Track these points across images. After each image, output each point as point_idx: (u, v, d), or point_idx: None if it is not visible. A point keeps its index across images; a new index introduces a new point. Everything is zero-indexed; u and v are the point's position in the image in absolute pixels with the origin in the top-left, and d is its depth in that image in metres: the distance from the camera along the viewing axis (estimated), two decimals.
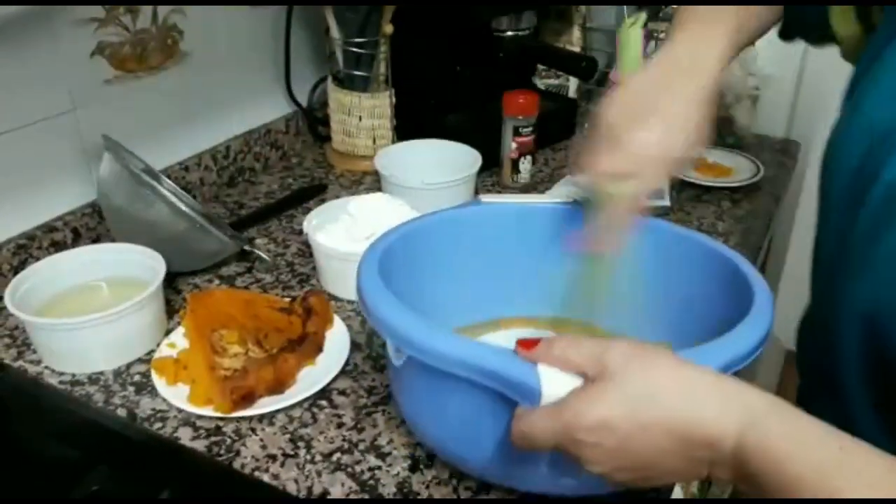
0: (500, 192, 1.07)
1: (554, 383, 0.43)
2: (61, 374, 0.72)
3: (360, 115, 1.11)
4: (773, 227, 1.14)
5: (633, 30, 0.91)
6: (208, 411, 0.66)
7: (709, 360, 0.44)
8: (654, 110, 0.57)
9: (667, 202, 1.00)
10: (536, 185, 1.08)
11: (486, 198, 0.72)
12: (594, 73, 1.09)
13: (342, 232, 0.85)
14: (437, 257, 0.68)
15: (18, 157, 0.82)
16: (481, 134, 1.07)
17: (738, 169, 1.11)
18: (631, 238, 0.60)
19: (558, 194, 1.01)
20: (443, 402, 0.52)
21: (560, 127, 1.24)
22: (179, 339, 0.74)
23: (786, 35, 0.71)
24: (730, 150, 1.16)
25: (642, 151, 0.57)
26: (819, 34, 0.66)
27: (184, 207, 0.82)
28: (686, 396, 0.39)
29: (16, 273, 0.75)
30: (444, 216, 0.69)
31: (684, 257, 0.65)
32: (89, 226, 0.90)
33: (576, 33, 1.37)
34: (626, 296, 0.63)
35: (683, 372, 0.40)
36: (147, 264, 0.78)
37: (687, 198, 1.06)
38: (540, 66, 1.32)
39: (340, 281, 0.83)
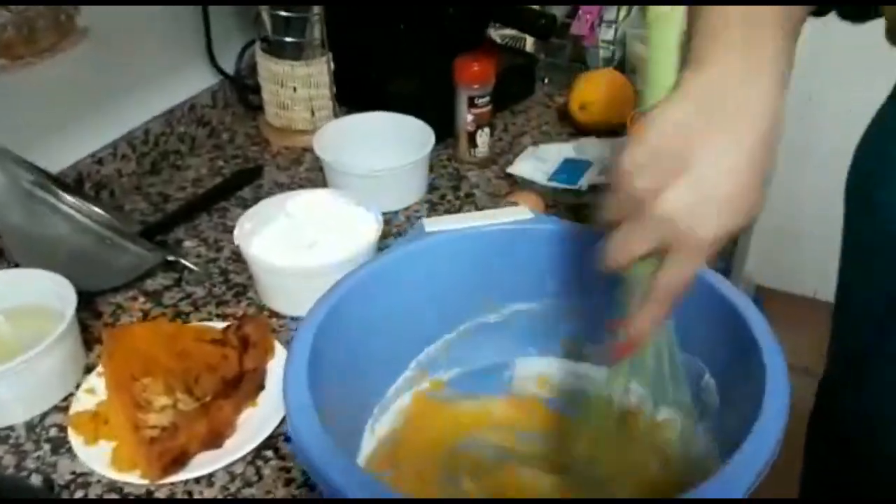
0: (456, 171, 0.97)
1: None
2: None
3: (295, 86, 0.99)
4: None
5: (668, 20, 0.50)
6: (134, 477, 0.58)
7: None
8: (687, 167, 0.41)
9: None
10: (496, 158, 0.99)
11: (430, 224, 0.62)
12: (552, 31, 0.98)
13: (280, 237, 0.76)
14: (381, 320, 0.58)
15: None
16: (433, 100, 0.97)
17: None
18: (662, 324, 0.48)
19: (521, 169, 0.94)
20: None
21: (520, 85, 1.13)
22: (99, 384, 0.65)
23: (820, 12, 0.59)
24: None
25: (671, 227, 0.42)
26: (862, 10, 0.56)
27: (89, 223, 0.71)
28: None
29: None
30: (378, 267, 0.59)
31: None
32: None
33: None
34: None
35: None
36: (53, 290, 0.68)
37: None
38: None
39: (280, 296, 0.74)
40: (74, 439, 0.60)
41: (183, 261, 0.78)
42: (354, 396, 0.58)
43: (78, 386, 0.66)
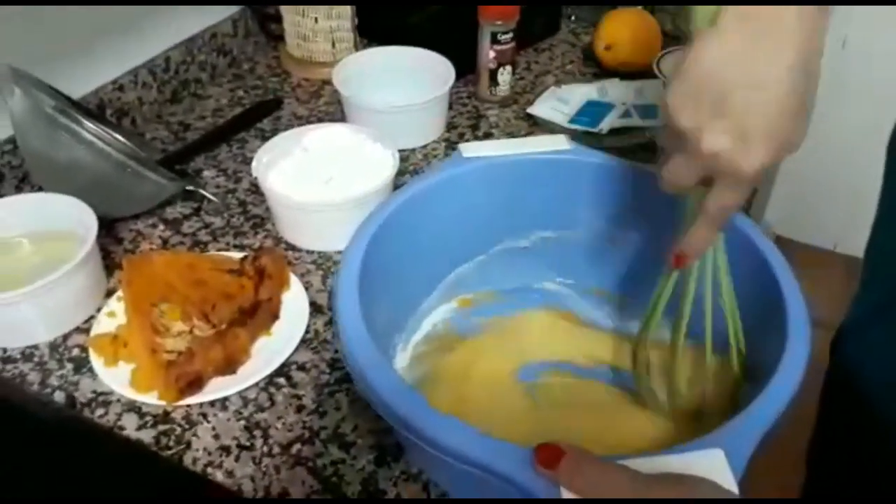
0: (475, 109, 0.97)
1: None
2: None
3: (316, 17, 0.98)
4: None
5: None
6: (152, 398, 0.60)
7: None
8: (728, 102, 0.43)
9: None
10: (517, 98, 0.98)
11: (467, 150, 0.63)
12: None
13: (297, 171, 0.76)
14: (419, 242, 0.61)
15: None
16: (455, 35, 0.95)
17: None
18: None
19: (541, 110, 0.93)
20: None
21: (544, 22, 1.11)
22: (119, 308, 0.67)
23: None
24: None
25: (715, 161, 0.44)
26: None
27: (108, 149, 0.72)
28: None
29: None
30: (420, 189, 0.61)
31: None
32: (12, 164, 0.79)
33: None
34: None
35: None
36: (74, 216, 0.69)
37: None
38: None
39: (296, 229, 0.75)
40: (95, 360, 0.62)
41: (202, 191, 0.79)
42: (390, 312, 0.61)
43: (99, 309, 0.68)
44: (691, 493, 0.36)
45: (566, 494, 0.38)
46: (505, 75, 0.95)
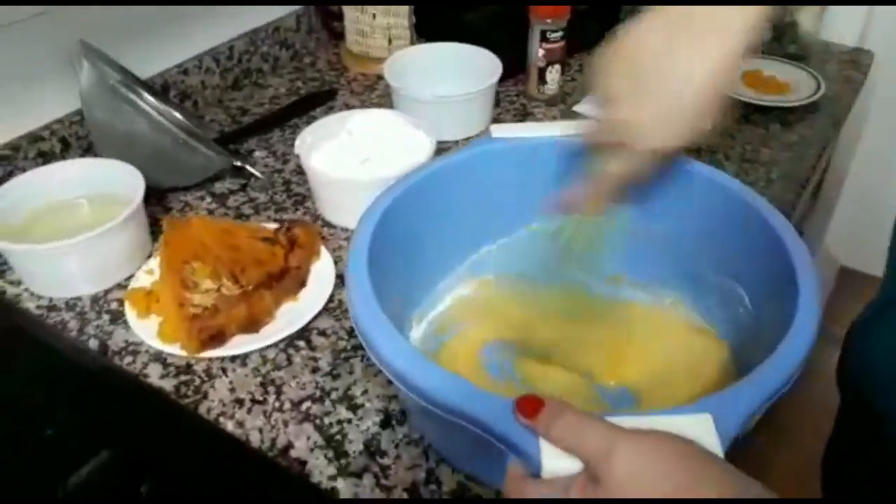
0: (523, 107, 0.97)
1: (555, 461, 0.38)
2: (39, 297, 0.70)
3: (375, 13, 1.01)
4: (829, 152, 1.02)
5: None
6: (177, 349, 0.63)
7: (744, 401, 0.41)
8: (651, 82, 0.46)
9: None
10: (565, 97, 0.98)
11: (496, 130, 0.64)
12: None
13: (338, 152, 0.79)
14: (441, 217, 0.62)
15: None
16: (508, 34, 0.97)
17: (797, 84, 0.98)
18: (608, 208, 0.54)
19: (586, 108, 0.93)
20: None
21: (601, 26, 1.10)
22: (158, 267, 0.70)
23: None
24: (789, 62, 1.02)
25: (626, 130, 0.48)
26: None
27: (166, 122, 0.76)
28: None
29: None
30: (442, 164, 0.62)
31: (710, 209, 0.57)
32: (79, 134, 0.85)
33: None
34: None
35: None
36: (129, 182, 0.73)
37: (732, 118, 0.94)
38: None
39: (332, 207, 0.77)
40: (129, 312, 0.66)
41: (249, 168, 0.83)
42: (406, 281, 0.61)
43: (139, 269, 0.72)
44: (664, 444, 0.35)
45: (544, 444, 0.38)
46: (553, 74, 0.95)
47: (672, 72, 0.45)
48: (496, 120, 0.94)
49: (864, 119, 1.39)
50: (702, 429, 0.39)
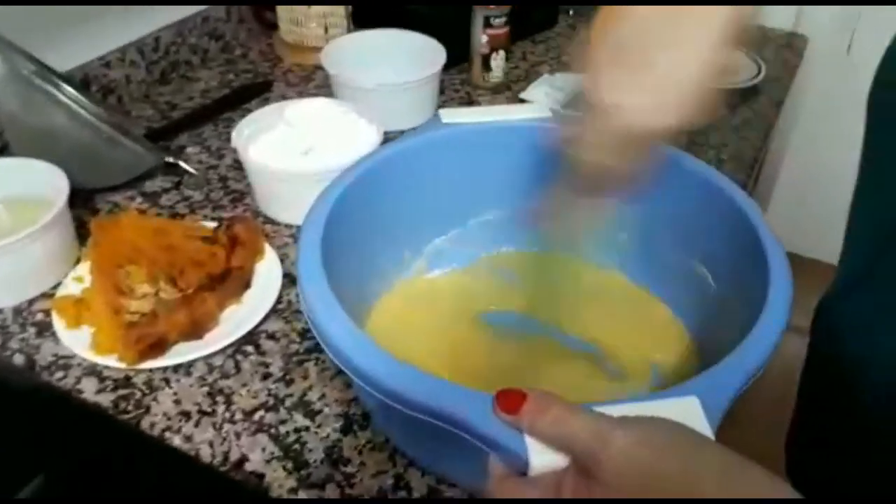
0: (468, 95, 0.95)
1: (543, 456, 0.35)
2: None
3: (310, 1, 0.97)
4: (773, 133, 1.03)
5: None
6: (113, 360, 0.58)
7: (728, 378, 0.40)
8: (647, 64, 0.43)
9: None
10: (510, 85, 0.96)
11: (446, 115, 0.61)
12: None
13: (278, 144, 0.74)
14: (394, 203, 0.59)
15: None
16: (451, 22, 0.94)
17: (738, 68, 0.99)
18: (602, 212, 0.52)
19: (533, 95, 0.91)
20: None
21: (543, 13, 1.10)
22: (87, 273, 0.65)
23: None
24: None
25: (617, 115, 0.44)
26: None
27: (87, 115, 0.70)
28: None
29: None
30: (395, 151, 0.59)
31: (683, 194, 0.56)
32: None
33: None
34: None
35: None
36: (49, 182, 0.67)
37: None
38: None
39: (275, 202, 0.73)
40: (57, 322, 0.60)
41: (182, 164, 0.78)
42: (358, 276, 0.58)
43: (66, 276, 0.66)
44: (658, 431, 0.33)
45: (529, 441, 0.36)
46: (498, 61, 0.93)
47: (672, 51, 0.42)
48: (441, 108, 0.91)
49: (801, 104, 1.42)
50: (690, 412, 0.37)
